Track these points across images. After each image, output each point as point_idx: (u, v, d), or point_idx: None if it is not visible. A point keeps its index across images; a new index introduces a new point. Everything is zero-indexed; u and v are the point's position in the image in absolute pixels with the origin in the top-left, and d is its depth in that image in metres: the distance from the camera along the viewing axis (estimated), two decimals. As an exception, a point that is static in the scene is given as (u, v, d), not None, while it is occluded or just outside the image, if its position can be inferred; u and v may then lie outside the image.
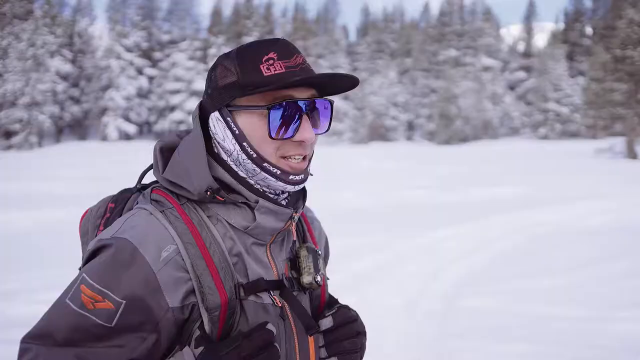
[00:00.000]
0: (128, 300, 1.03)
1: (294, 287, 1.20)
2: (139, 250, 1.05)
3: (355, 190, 14.94)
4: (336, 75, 1.11)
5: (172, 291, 1.05)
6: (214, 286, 1.07)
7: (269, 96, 1.10)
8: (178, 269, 1.06)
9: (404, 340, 4.49)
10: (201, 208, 1.15)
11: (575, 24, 63.26)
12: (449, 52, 57.52)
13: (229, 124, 1.13)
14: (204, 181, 1.11)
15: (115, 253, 1.05)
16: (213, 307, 1.07)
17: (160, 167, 1.18)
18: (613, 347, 4.32)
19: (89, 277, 1.05)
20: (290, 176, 1.14)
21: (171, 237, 1.08)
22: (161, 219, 1.10)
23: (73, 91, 49.36)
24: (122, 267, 1.04)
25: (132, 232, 1.08)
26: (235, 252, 1.13)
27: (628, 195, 13.53)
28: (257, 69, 1.11)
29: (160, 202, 1.15)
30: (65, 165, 23.12)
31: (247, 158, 1.13)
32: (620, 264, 6.78)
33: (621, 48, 33.35)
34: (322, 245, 1.44)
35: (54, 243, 8.05)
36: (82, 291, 1.04)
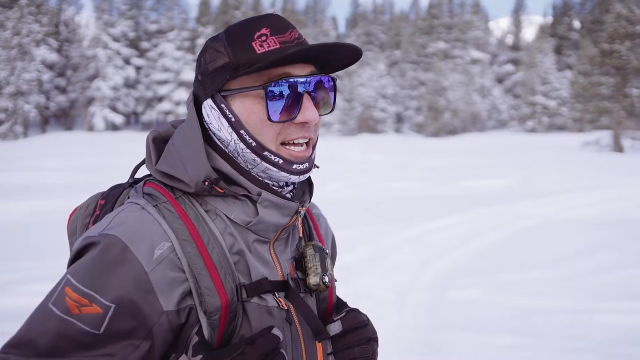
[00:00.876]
0: (117, 303, 0.92)
1: (300, 288, 1.10)
2: (130, 248, 0.94)
3: (343, 182, 14.95)
4: (337, 44, 1.00)
5: (166, 293, 0.95)
6: (213, 287, 0.97)
7: (264, 75, 1.00)
8: (173, 269, 0.96)
9: (394, 331, 4.50)
10: (198, 202, 1.04)
11: (563, 18, 63.52)
12: (438, 45, 57.53)
13: (223, 111, 1.03)
14: (202, 170, 1.01)
15: (103, 251, 0.95)
16: (212, 310, 0.97)
17: (153, 158, 1.08)
18: (600, 338, 4.36)
19: (74, 279, 0.94)
20: (293, 165, 1.03)
21: (165, 234, 0.98)
22: (154, 213, 1.00)
23: (59, 81, 48.78)
24: (110, 266, 0.94)
25: (122, 228, 0.97)
26: (236, 249, 1.03)
27: (615, 187, 13.66)
28: (249, 47, 1.01)
29: (153, 196, 1.05)
30: (51, 156, 22.88)
31: (246, 147, 1.03)
32: (607, 256, 6.84)
33: (608, 42, 33.59)
34: (329, 243, 1.32)
35: (41, 234, 7.98)
36: (67, 294, 0.93)
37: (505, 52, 61.75)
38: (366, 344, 1.13)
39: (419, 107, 53.51)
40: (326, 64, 1.07)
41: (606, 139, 31.16)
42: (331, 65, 1.08)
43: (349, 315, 1.14)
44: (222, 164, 1.05)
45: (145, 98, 50.69)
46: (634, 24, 33.37)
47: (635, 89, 33.00)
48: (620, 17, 33.56)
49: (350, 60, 1.08)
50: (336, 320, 1.13)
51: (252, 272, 1.03)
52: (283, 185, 1.08)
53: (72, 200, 11.19)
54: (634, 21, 33.44)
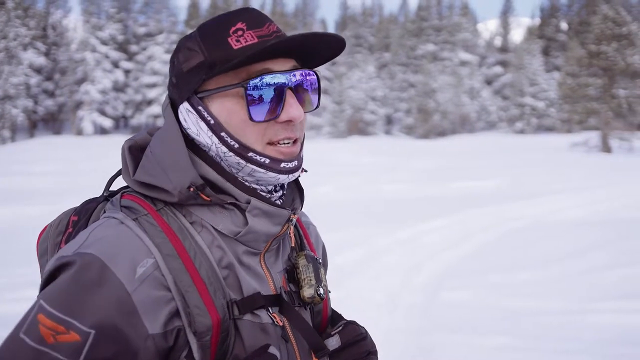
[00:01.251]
0: (98, 329, 0.83)
1: (294, 302, 1.03)
2: (109, 267, 0.86)
3: (334, 184, 14.94)
4: (318, 34, 0.93)
5: (151, 314, 0.87)
6: (203, 305, 0.89)
7: (242, 73, 0.93)
8: (158, 287, 0.88)
9: (386, 334, 4.49)
10: (182, 213, 0.96)
11: (550, 20, 63.99)
12: (427, 47, 57.75)
13: (201, 114, 0.96)
14: (186, 176, 0.92)
15: (79, 272, 0.85)
16: (203, 331, 0.89)
17: (131, 169, 0.99)
18: (591, 339, 4.37)
19: (47, 304, 0.85)
20: (281, 164, 0.96)
21: (147, 249, 0.89)
22: (134, 227, 0.91)
23: (47, 84, 48.46)
24: (88, 288, 0.85)
25: (99, 245, 0.88)
26: (225, 263, 0.95)
27: (603, 188, 13.75)
28: (224, 43, 0.94)
29: (132, 209, 0.96)
30: (39, 160, 22.71)
31: (229, 150, 0.95)
32: (597, 256, 6.88)
33: (596, 43, 33.87)
34: (319, 252, 1.24)
35: (30, 239, 7.91)
36: (40, 322, 0.84)
37: (493, 53, 62.11)
38: (365, 358, 1.08)
39: (409, 109, 53.68)
40: (308, 57, 1.00)
41: (594, 139, 31.42)
42: (314, 59, 1.01)
43: (347, 329, 1.09)
44: (207, 170, 0.97)
45: (134, 101, 50.46)
46: (621, 25, 33.69)
47: (622, 90, 33.30)
48: (607, 19, 33.86)
49: (333, 52, 1.01)
50: (334, 335, 1.07)
51: (244, 287, 0.96)
52: (272, 191, 1.01)
53: (61, 205, 11.12)
54: (620, 23, 33.76)
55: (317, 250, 1.23)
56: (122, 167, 1.02)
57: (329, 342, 1.07)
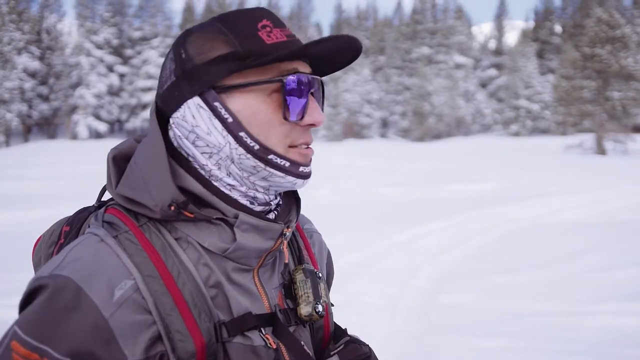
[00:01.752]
0: (73, 357, 0.79)
1: (291, 320, 0.96)
2: (84, 290, 0.80)
3: (330, 187, 14.93)
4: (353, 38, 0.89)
5: (131, 340, 0.81)
6: (185, 329, 0.83)
7: (273, 69, 0.88)
8: (138, 311, 0.82)
9: (386, 337, 4.47)
10: (166, 229, 0.89)
11: (545, 22, 64.32)
12: (422, 50, 57.93)
13: (216, 111, 0.88)
14: (167, 193, 0.86)
15: (52, 295, 0.80)
16: (186, 358, 0.83)
17: (113, 180, 0.93)
18: (591, 340, 4.36)
19: (21, 330, 0.80)
20: (300, 167, 0.92)
21: (127, 270, 0.83)
22: (114, 246, 0.85)
23: (41, 89, 48.32)
24: (62, 313, 0.79)
25: (75, 266, 0.82)
26: (212, 282, 0.89)
27: (599, 189, 13.79)
28: (256, 36, 0.88)
29: (113, 225, 0.89)
30: (34, 165, 22.61)
31: (246, 152, 0.88)
32: (596, 257, 6.88)
33: (590, 46, 34.05)
34: (323, 263, 1.17)
35: (24, 244, 7.86)
36: (14, 349, 0.80)
37: (488, 56, 62.36)
38: None
39: (404, 112, 53.80)
40: (321, 65, 0.96)
41: (589, 141, 31.56)
42: (325, 66, 0.97)
43: (348, 348, 1.00)
44: (192, 183, 0.90)
45: (129, 106, 50.38)
46: (614, 28, 33.88)
47: (616, 92, 33.47)
48: (601, 22, 34.05)
49: (345, 62, 0.97)
50: (333, 355, 0.99)
51: (233, 307, 0.89)
52: (270, 201, 0.95)
53: (56, 209, 11.06)
54: (614, 25, 33.95)
55: (321, 260, 1.16)
56: (107, 178, 0.95)
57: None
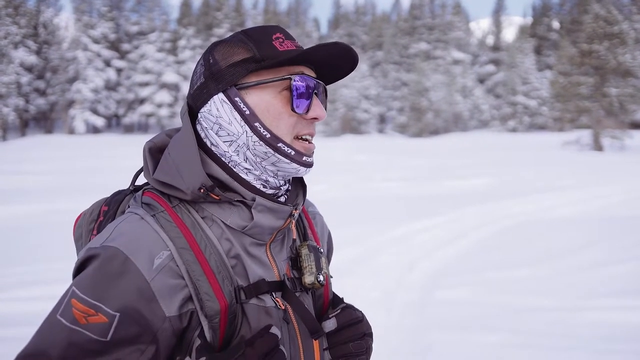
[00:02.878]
0: (122, 312, 0.96)
1: (296, 287, 1.15)
2: (130, 259, 0.99)
3: (328, 183, 14.93)
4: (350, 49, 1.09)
5: (168, 300, 0.99)
6: (212, 292, 1.02)
7: (283, 71, 1.08)
8: (173, 276, 1.01)
9: (383, 332, 4.47)
10: (195, 209, 1.08)
11: (542, 18, 64.30)
12: (420, 46, 57.89)
13: (236, 105, 1.07)
14: (197, 178, 1.04)
15: (104, 263, 0.99)
16: (212, 314, 1.01)
17: (151, 168, 1.12)
18: (588, 336, 4.37)
19: (79, 290, 0.98)
20: (303, 157, 1.10)
21: (164, 243, 1.02)
22: (152, 223, 1.04)
23: (38, 83, 48.16)
24: (113, 277, 0.98)
25: (122, 239, 1.01)
26: (233, 254, 1.08)
27: (596, 185, 13.82)
28: (271, 44, 1.08)
29: (151, 206, 1.08)
30: (31, 159, 22.55)
31: (259, 139, 1.07)
32: (593, 253, 6.89)
33: (587, 42, 34.04)
34: (324, 241, 1.38)
35: (21, 238, 7.84)
36: (74, 305, 0.97)
37: (486, 52, 62.32)
38: (360, 340, 1.19)
39: (402, 108, 53.78)
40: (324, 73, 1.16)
41: (586, 138, 31.59)
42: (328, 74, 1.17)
43: (343, 312, 1.20)
44: (217, 170, 1.09)
45: (127, 100, 50.28)
46: (612, 24, 33.87)
47: (613, 89, 33.48)
48: (599, 18, 34.03)
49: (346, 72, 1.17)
50: (331, 317, 1.19)
51: (250, 275, 1.08)
52: (280, 186, 1.14)
53: (53, 204, 11.01)
54: (611, 21, 33.95)
55: (323, 238, 1.36)
56: (143, 167, 1.15)
57: (326, 324, 1.19)
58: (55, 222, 8.79)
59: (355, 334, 1.18)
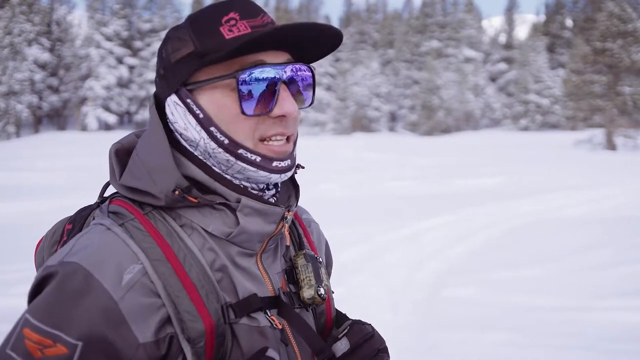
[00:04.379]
0: (85, 340, 0.80)
1: (294, 303, 0.99)
2: (94, 275, 0.82)
3: (338, 181, 14.94)
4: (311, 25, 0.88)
5: (141, 322, 0.83)
6: (194, 309, 0.86)
7: (235, 64, 0.89)
8: (147, 294, 0.84)
9: (390, 331, 4.49)
10: (171, 216, 0.92)
11: (555, 16, 63.78)
12: (431, 44, 57.64)
13: (189, 107, 0.91)
14: (171, 178, 0.89)
15: (63, 281, 0.82)
16: (196, 337, 0.85)
17: (117, 173, 0.96)
18: (595, 336, 4.37)
19: (32, 318, 0.82)
20: (273, 162, 0.91)
21: (134, 255, 0.86)
22: (120, 233, 0.87)
23: (51, 80, 48.55)
24: (73, 298, 0.81)
25: (83, 252, 0.85)
26: (218, 266, 0.91)
27: (608, 185, 13.71)
28: (216, 32, 0.89)
29: (119, 214, 0.92)
30: (44, 156, 22.77)
31: (218, 146, 0.90)
32: (601, 253, 6.86)
33: (601, 40, 33.73)
34: (322, 251, 1.19)
35: (34, 235, 7.93)
36: (26, 336, 0.81)
37: (498, 50, 61.92)
38: (375, 357, 1.02)
39: (413, 106, 53.59)
40: (302, 51, 0.96)
41: (599, 137, 31.31)
42: (309, 53, 0.96)
43: (354, 330, 1.02)
44: (194, 170, 0.93)
45: (139, 97, 50.53)
46: (626, 22, 33.54)
47: (627, 87, 33.17)
48: (612, 16, 33.71)
49: (329, 47, 0.96)
50: (341, 338, 1.01)
51: (239, 290, 0.92)
52: (264, 188, 0.97)
53: (65, 200, 11.13)
54: (625, 19, 33.61)
55: (320, 249, 1.19)
56: (109, 172, 0.98)
57: (337, 347, 1.00)
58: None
59: (368, 352, 1.01)
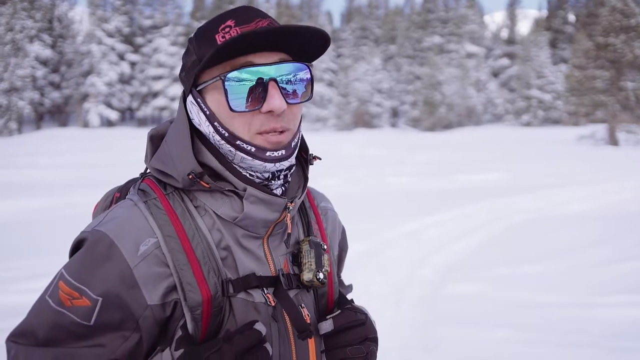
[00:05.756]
0: (104, 297, 0.96)
1: (293, 284, 1.09)
2: (116, 244, 0.98)
3: (340, 177, 14.93)
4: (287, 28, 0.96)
5: (150, 287, 0.98)
6: (195, 282, 0.99)
7: (227, 66, 1.00)
8: (158, 264, 0.99)
9: (392, 327, 4.49)
10: (189, 198, 1.06)
11: (558, 11, 63.54)
12: (433, 39, 57.49)
13: (200, 105, 1.05)
14: (187, 164, 1.02)
15: (91, 247, 0.99)
16: (194, 305, 0.99)
17: (149, 155, 1.11)
18: (599, 332, 4.36)
19: (66, 273, 0.99)
20: (267, 153, 1.02)
21: (151, 230, 1.00)
22: (144, 209, 1.03)
23: (53, 77, 48.51)
24: (98, 261, 0.98)
25: (111, 224, 1.01)
26: (223, 245, 1.04)
27: (610, 181, 13.68)
28: (211, 40, 1.02)
29: (145, 192, 1.07)
30: (46, 152, 22.78)
31: (221, 138, 1.03)
32: (603, 250, 6.85)
33: (603, 35, 33.57)
34: (335, 239, 1.30)
35: (36, 231, 7.94)
36: (60, 288, 0.98)
37: (500, 46, 61.73)
38: (360, 344, 1.10)
39: (415, 102, 53.47)
40: (298, 51, 1.05)
41: (601, 132, 31.22)
42: (304, 52, 1.06)
43: (343, 314, 1.11)
44: (210, 159, 1.05)
45: (140, 94, 50.53)
46: (629, 17, 33.38)
47: (630, 83, 33.03)
48: (615, 11, 33.55)
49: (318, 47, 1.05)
50: (328, 319, 1.11)
51: (240, 268, 1.04)
52: (269, 178, 1.06)
53: (68, 197, 11.12)
54: (628, 14, 33.45)
55: (333, 236, 1.29)
56: (145, 153, 1.13)
57: (322, 326, 1.10)
58: (70, 215, 8.89)
59: (355, 337, 1.10)
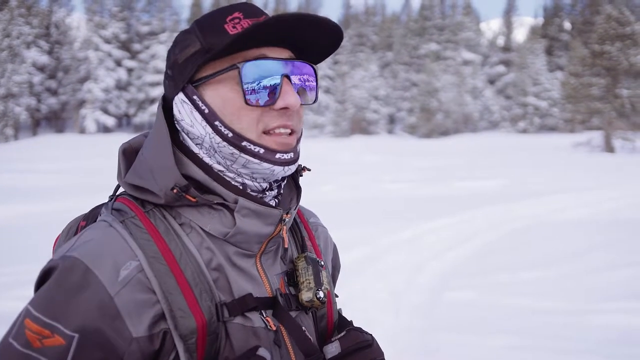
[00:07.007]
0: (81, 332, 0.83)
1: (292, 305, 0.99)
2: (92, 270, 0.85)
3: (337, 183, 14.94)
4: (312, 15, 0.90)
5: (135, 318, 0.86)
6: (187, 307, 0.87)
7: (239, 58, 0.92)
8: (142, 290, 0.87)
9: (391, 333, 4.48)
10: (171, 215, 0.94)
11: (554, 19, 63.86)
12: (430, 46, 57.69)
13: (195, 103, 0.94)
14: (170, 177, 0.91)
15: (62, 275, 0.86)
16: (187, 334, 0.87)
17: (123, 171, 0.99)
18: (597, 339, 4.36)
19: (33, 309, 0.86)
20: (277, 154, 0.93)
21: (132, 252, 0.88)
22: (120, 230, 0.90)
23: (50, 83, 48.52)
24: (71, 292, 0.85)
25: (84, 248, 0.88)
26: (214, 265, 0.93)
27: (607, 188, 13.72)
28: (221, 29, 0.93)
29: (121, 211, 0.95)
30: (42, 158, 22.73)
31: (222, 140, 0.92)
32: (602, 256, 6.86)
33: (599, 43, 33.80)
34: (328, 256, 1.20)
35: (33, 237, 7.91)
36: (27, 326, 0.85)
37: (496, 53, 61.98)
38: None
39: (412, 109, 53.58)
40: (305, 49, 0.98)
41: (597, 139, 31.36)
42: (311, 51, 0.99)
43: (349, 335, 1.01)
44: (195, 170, 0.95)
45: (137, 100, 50.52)
46: (624, 25, 33.61)
47: (625, 90, 33.23)
48: (611, 19, 33.79)
49: (330, 44, 0.98)
50: (334, 341, 1.00)
51: (234, 289, 0.93)
52: (265, 189, 0.97)
53: (64, 203, 11.09)
54: (623, 22, 33.69)
55: (326, 253, 1.19)
56: (117, 170, 1.02)
57: (328, 349, 1.00)
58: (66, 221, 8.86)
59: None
